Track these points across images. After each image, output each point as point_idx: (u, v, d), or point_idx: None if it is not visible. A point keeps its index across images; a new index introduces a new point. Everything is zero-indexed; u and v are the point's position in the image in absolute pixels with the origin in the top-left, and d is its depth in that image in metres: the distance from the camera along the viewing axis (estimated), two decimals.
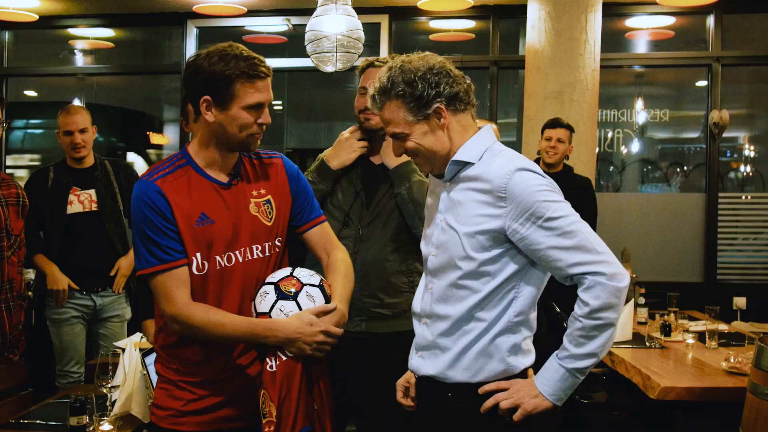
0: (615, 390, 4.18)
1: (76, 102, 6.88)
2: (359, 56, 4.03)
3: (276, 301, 2.05)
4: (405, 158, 2.69)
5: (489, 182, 2.00)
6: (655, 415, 3.51)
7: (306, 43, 3.96)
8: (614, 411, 4.33)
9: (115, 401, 2.71)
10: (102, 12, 6.40)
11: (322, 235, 2.29)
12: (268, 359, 2.01)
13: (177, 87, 6.89)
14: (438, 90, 2.01)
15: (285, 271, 2.12)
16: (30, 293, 4.30)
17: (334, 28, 3.83)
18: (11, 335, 3.47)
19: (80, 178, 4.06)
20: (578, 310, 1.94)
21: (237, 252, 2.10)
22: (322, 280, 2.14)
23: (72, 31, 6.73)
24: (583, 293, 1.94)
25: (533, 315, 2.07)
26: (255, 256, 2.13)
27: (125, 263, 4.10)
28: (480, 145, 2.08)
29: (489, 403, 2.00)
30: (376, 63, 2.87)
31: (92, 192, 4.03)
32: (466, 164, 2.07)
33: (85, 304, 4.07)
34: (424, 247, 2.19)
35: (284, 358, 2.00)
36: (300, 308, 2.05)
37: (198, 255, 2.06)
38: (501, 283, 2.01)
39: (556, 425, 2.24)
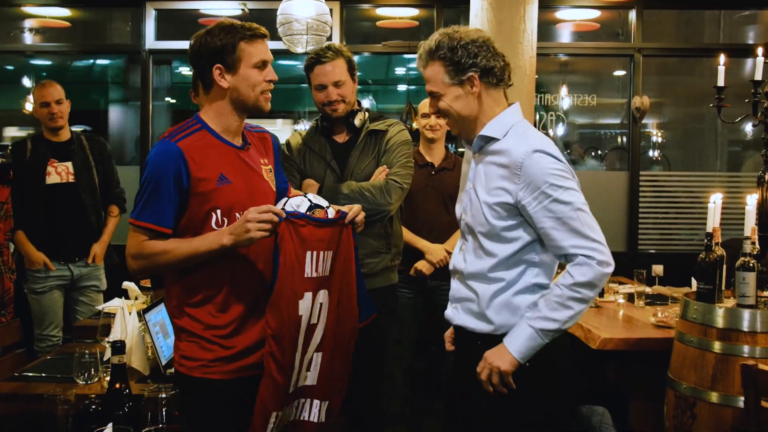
0: None
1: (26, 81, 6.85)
2: (327, 38, 4.27)
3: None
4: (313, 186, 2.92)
5: (508, 158, 2.16)
6: (592, 365, 3.88)
7: (277, 26, 4.17)
8: None
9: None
10: None
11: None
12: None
13: (123, 67, 6.91)
14: (475, 60, 2.16)
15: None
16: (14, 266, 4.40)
17: (304, 12, 4.05)
18: (2, 298, 3.60)
19: (57, 150, 4.16)
20: (563, 279, 2.12)
21: None
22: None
23: (28, 9, 6.54)
24: (571, 268, 2.12)
25: (552, 279, 2.25)
26: None
27: (99, 250, 4.24)
28: (506, 122, 2.23)
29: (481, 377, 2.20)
30: (323, 59, 2.97)
31: (69, 164, 4.14)
32: (491, 139, 2.23)
33: (62, 274, 4.20)
34: (459, 210, 2.39)
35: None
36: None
37: (218, 211, 2.21)
38: (518, 250, 2.19)
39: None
